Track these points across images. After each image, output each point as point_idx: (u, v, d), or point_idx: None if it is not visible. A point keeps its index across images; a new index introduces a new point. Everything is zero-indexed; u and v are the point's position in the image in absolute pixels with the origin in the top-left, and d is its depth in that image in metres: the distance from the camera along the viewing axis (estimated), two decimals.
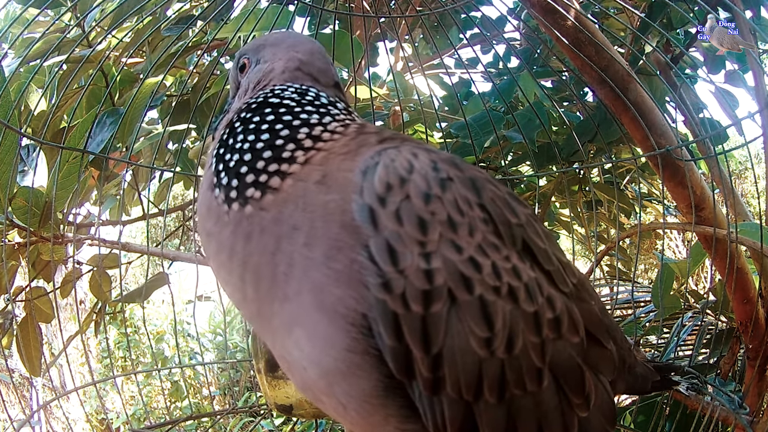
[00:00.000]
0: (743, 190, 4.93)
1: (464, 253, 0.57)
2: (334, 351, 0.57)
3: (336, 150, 0.63)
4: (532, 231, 0.65)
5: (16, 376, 3.27)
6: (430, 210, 0.57)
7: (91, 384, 1.44)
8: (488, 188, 0.63)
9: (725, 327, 1.83)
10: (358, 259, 0.56)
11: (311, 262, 0.57)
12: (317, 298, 0.57)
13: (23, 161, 1.43)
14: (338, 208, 0.58)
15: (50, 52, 1.39)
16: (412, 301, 0.55)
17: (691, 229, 1.44)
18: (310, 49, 0.78)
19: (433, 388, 0.56)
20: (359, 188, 0.58)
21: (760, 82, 1.54)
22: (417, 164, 0.59)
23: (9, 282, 1.38)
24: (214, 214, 0.65)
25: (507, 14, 2.04)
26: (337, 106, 0.71)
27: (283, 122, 0.67)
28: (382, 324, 0.55)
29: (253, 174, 0.63)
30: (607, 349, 0.68)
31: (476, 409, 0.57)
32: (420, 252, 0.55)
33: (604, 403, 0.65)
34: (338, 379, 0.58)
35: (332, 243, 0.57)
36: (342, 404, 0.60)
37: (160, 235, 1.77)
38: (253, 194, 0.62)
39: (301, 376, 0.63)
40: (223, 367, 4.69)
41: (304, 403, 1.22)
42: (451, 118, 1.96)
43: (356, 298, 0.56)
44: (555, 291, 0.64)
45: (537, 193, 1.93)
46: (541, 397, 0.59)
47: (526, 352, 0.58)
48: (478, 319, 0.56)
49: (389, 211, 0.56)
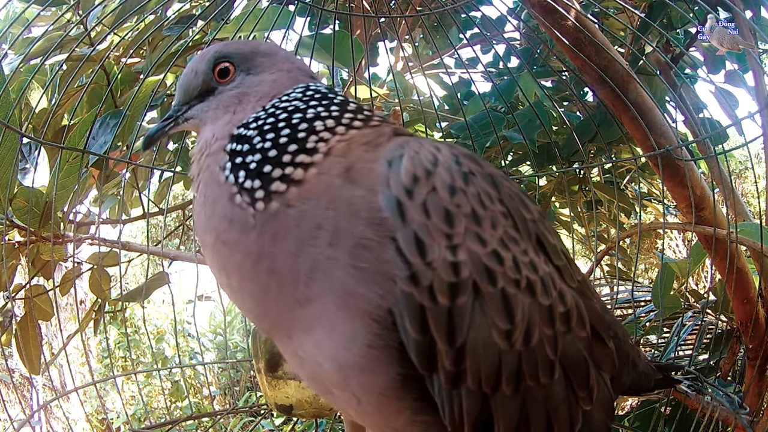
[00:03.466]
0: (743, 190, 4.93)
1: (488, 246, 0.58)
2: (354, 347, 0.57)
3: (357, 140, 0.64)
4: (543, 227, 0.66)
5: (16, 376, 3.27)
6: (455, 203, 0.58)
7: (91, 384, 1.44)
8: (505, 184, 0.64)
9: (725, 327, 1.83)
10: (383, 254, 0.56)
11: (335, 263, 0.57)
12: (341, 297, 0.57)
13: (25, 159, 1.43)
14: (364, 204, 0.58)
15: (52, 50, 1.39)
16: (439, 294, 0.55)
17: (691, 229, 1.44)
18: (302, 61, 0.78)
19: (453, 380, 0.57)
20: (385, 179, 0.58)
21: (760, 82, 1.54)
22: (441, 157, 0.60)
23: (9, 280, 1.38)
24: (238, 222, 0.62)
25: (507, 14, 2.04)
26: (350, 101, 0.70)
27: (301, 116, 0.65)
28: (408, 317, 0.55)
29: (279, 168, 0.62)
30: (608, 347, 0.69)
31: (492, 401, 0.58)
32: (447, 244, 0.56)
33: (604, 398, 0.67)
34: (355, 373, 0.59)
35: (357, 241, 0.57)
36: (356, 397, 0.60)
37: (160, 234, 1.77)
38: (278, 188, 0.61)
39: (313, 370, 0.63)
40: (223, 366, 4.69)
41: (304, 403, 1.22)
42: (451, 117, 1.96)
43: (381, 294, 0.56)
44: (565, 286, 0.65)
45: (537, 193, 1.93)
46: (551, 390, 0.61)
47: (541, 345, 0.60)
48: (500, 311, 0.57)
49: (417, 203, 0.57)
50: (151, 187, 1.95)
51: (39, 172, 1.36)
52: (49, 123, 1.33)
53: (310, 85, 0.71)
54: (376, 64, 2.52)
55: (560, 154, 1.79)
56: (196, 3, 1.99)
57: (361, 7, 1.84)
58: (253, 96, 0.71)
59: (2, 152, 1.24)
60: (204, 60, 0.74)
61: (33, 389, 3.10)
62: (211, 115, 0.72)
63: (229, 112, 0.70)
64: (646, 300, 2.14)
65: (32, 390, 3.21)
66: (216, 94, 0.73)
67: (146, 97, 1.44)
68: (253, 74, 0.73)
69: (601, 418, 0.66)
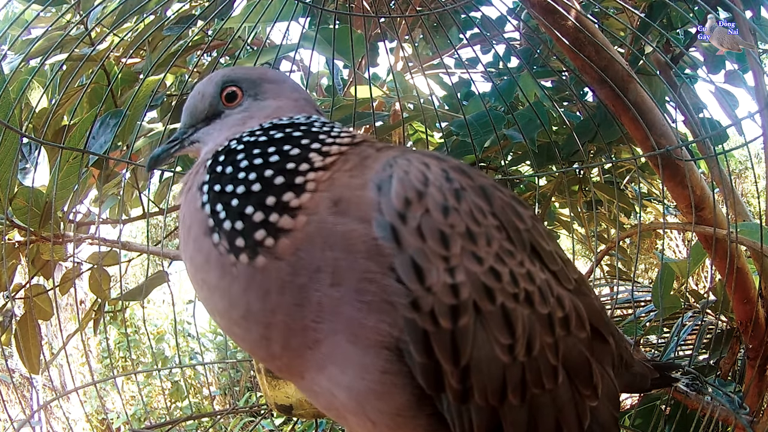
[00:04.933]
0: (743, 190, 4.93)
1: (485, 263, 0.58)
2: (368, 375, 0.57)
3: (340, 166, 0.61)
4: (537, 233, 0.66)
5: (16, 376, 3.27)
6: (449, 223, 0.57)
7: (91, 384, 1.44)
8: (497, 195, 0.63)
9: (725, 327, 1.82)
10: (386, 283, 0.55)
11: (340, 301, 0.56)
12: (350, 332, 0.56)
13: (25, 159, 1.43)
14: (360, 238, 0.56)
15: (52, 50, 1.39)
16: (441, 318, 0.55)
17: (691, 229, 1.44)
18: (309, 94, 0.78)
19: (461, 398, 0.57)
20: (377, 205, 0.57)
21: (760, 82, 1.54)
22: (431, 175, 0.59)
23: (9, 280, 1.38)
24: (216, 266, 0.59)
25: (507, 14, 2.04)
26: (333, 127, 0.69)
27: (292, 142, 0.63)
28: (412, 342, 0.55)
29: (262, 212, 0.58)
30: (608, 343, 0.70)
31: (501, 413, 0.59)
32: (445, 267, 0.56)
33: (609, 391, 0.67)
34: (371, 399, 0.58)
35: (360, 276, 0.56)
36: (371, 421, 0.60)
37: (160, 234, 1.77)
38: (264, 239, 0.57)
39: (328, 401, 0.62)
40: (223, 367, 4.69)
41: (304, 403, 1.23)
42: (451, 116, 1.96)
43: (389, 322, 0.56)
44: (562, 290, 0.65)
45: (537, 193, 1.93)
46: (557, 393, 0.61)
47: (543, 353, 0.60)
48: (501, 327, 0.57)
49: (411, 227, 0.56)
50: (151, 187, 1.95)
51: (39, 171, 1.36)
52: (49, 123, 1.33)
53: (312, 117, 0.70)
54: (376, 64, 2.51)
55: (560, 154, 1.79)
56: (196, 3, 1.99)
57: (361, 7, 1.84)
58: (256, 120, 0.70)
59: (2, 152, 1.24)
60: (212, 83, 0.73)
61: (33, 389, 3.11)
62: (215, 137, 0.71)
63: (231, 133, 0.69)
64: (646, 300, 2.14)
65: (32, 390, 3.21)
66: (222, 118, 0.73)
67: (146, 97, 1.44)
68: (260, 99, 0.73)
69: (608, 410, 0.67)
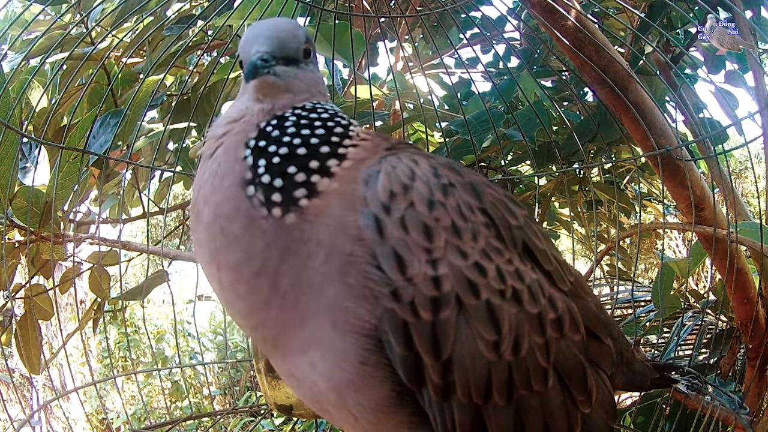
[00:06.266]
0: (743, 190, 4.93)
1: (469, 258, 0.58)
2: (347, 365, 0.57)
3: (355, 156, 0.63)
4: (531, 232, 0.65)
5: (16, 376, 3.27)
6: (434, 216, 0.57)
7: (91, 384, 1.44)
8: (488, 192, 0.63)
9: (725, 327, 1.82)
10: (368, 270, 0.56)
11: (326, 278, 0.57)
12: (332, 314, 0.57)
13: (25, 158, 1.43)
14: (352, 222, 0.57)
15: (52, 49, 1.39)
16: (421, 309, 0.55)
17: (691, 229, 1.44)
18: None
19: (443, 394, 0.57)
20: (363, 198, 0.58)
21: (760, 82, 1.54)
22: (418, 171, 0.59)
23: (9, 279, 1.38)
24: (244, 215, 0.58)
25: (507, 14, 2.04)
26: (353, 121, 0.69)
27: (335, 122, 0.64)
28: (392, 333, 0.55)
29: (304, 173, 0.59)
30: (605, 344, 0.69)
31: (485, 412, 0.58)
32: (427, 259, 0.56)
33: (604, 398, 0.66)
34: (350, 391, 0.58)
35: (346, 258, 0.56)
36: (353, 415, 0.60)
37: (160, 234, 1.77)
38: (301, 198, 0.58)
39: (310, 390, 0.62)
40: (223, 366, 4.68)
41: (304, 403, 1.22)
42: (451, 116, 1.96)
43: (369, 309, 0.56)
44: (556, 291, 0.64)
45: (537, 193, 1.93)
46: (547, 397, 0.60)
47: (532, 353, 0.59)
48: (485, 323, 0.57)
49: (394, 219, 0.56)
50: (151, 187, 1.95)
51: (39, 171, 1.36)
52: (50, 122, 1.33)
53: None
54: (376, 64, 2.51)
55: (560, 153, 1.78)
56: (196, 3, 1.99)
57: (361, 7, 1.84)
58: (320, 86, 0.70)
59: (2, 152, 1.24)
60: (300, 30, 0.70)
61: (33, 389, 3.11)
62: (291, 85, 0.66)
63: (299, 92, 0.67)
64: (646, 300, 2.14)
65: (32, 390, 3.21)
66: (300, 67, 0.69)
67: (146, 96, 1.44)
68: (315, 67, 0.72)
69: (601, 419, 0.66)
